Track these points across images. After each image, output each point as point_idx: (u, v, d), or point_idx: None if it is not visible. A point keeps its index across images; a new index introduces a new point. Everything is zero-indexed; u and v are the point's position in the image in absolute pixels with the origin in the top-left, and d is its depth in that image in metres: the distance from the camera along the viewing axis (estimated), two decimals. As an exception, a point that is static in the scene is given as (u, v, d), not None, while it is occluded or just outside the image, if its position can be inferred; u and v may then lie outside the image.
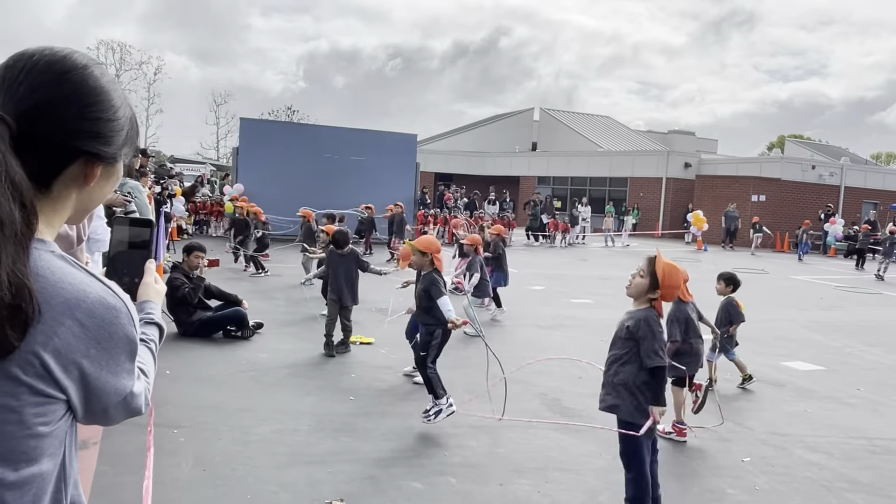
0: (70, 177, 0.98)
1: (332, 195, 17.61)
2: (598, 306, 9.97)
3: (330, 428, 4.37)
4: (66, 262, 0.95)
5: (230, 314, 6.74)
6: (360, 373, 5.72)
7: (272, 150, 17.77)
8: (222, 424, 4.31)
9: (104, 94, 0.98)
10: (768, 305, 10.55)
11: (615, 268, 15.33)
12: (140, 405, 1.02)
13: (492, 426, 4.58)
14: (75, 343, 0.91)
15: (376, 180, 18.33)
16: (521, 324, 8.35)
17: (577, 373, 6.09)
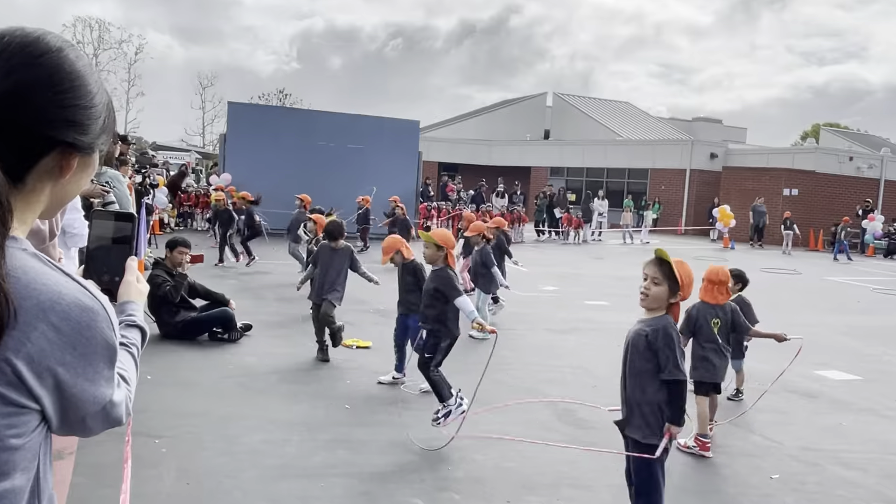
0: (44, 169, 0.98)
1: (327, 186, 17.60)
2: (614, 308, 9.96)
3: (323, 438, 4.38)
4: (40, 260, 0.95)
5: (216, 315, 6.75)
6: (357, 379, 5.73)
7: (262, 137, 17.78)
8: (207, 434, 4.32)
9: (80, 79, 0.97)
10: (800, 309, 10.52)
11: (634, 267, 15.26)
12: (120, 415, 1.02)
13: (499, 439, 4.58)
14: (49, 349, 0.91)
15: (375, 170, 18.32)
16: (532, 327, 8.35)
17: (591, 381, 6.09)
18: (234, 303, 7.11)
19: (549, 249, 18.72)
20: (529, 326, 8.36)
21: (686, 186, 27.42)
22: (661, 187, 27.96)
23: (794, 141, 52.99)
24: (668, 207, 27.47)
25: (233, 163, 17.57)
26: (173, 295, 6.53)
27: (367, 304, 8.60)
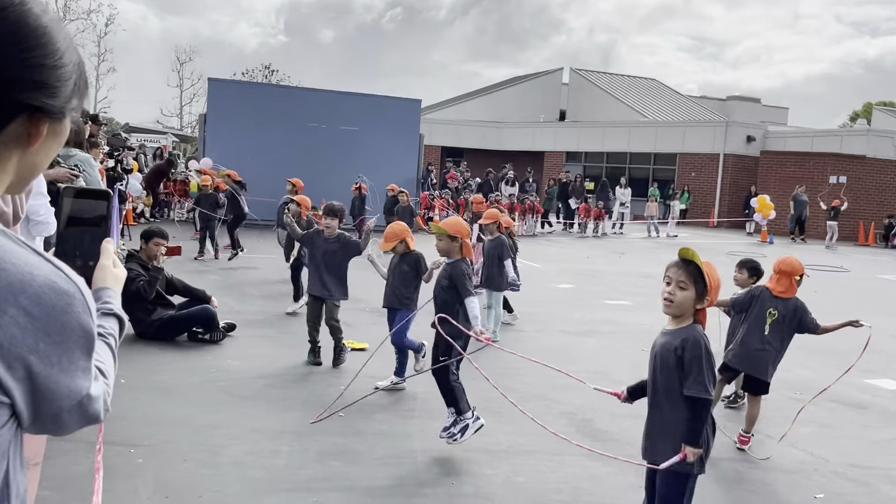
0: (11, 136, 0.97)
1: (317, 173, 17.61)
2: (638, 309, 9.96)
3: (315, 449, 4.40)
4: (8, 237, 0.95)
5: (196, 313, 6.79)
6: (352, 384, 5.76)
7: (246, 118, 17.81)
8: (187, 443, 4.35)
9: (47, 35, 0.96)
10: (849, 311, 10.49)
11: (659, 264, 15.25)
12: (98, 410, 1.02)
13: (510, 451, 4.60)
14: (21, 336, 0.91)
15: (372, 155, 18.33)
16: (544, 328, 8.36)
17: (611, 387, 6.07)
18: (215, 300, 7.14)
19: (565, 243, 18.71)
20: (541, 327, 8.37)
21: (719, 173, 27.34)
22: (691, 174, 27.88)
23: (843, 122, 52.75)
24: (699, 197, 27.40)
25: (213, 146, 17.60)
26: (147, 291, 6.56)
27: (363, 302, 8.62)
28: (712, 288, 2.90)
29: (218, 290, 8.48)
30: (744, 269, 5.62)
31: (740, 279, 5.60)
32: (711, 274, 2.92)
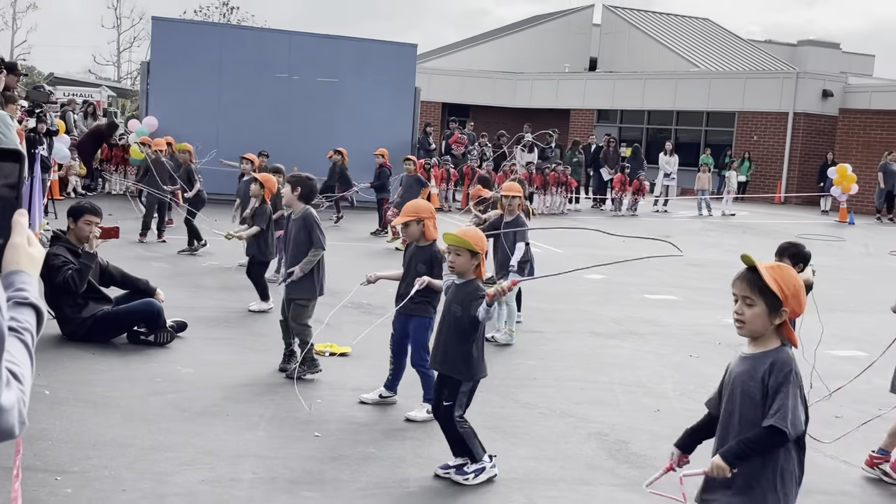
0: None
1: (288, 135, 17.58)
2: (686, 305, 9.97)
3: (285, 478, 4.41)
4: None
5: (138, 309, 6.80)
6: (330, 397, 5.77)
7: (199, 67, 17.75)
8: (127, 470, 4.36)
9: None
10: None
11: (713, 249, 15.30)
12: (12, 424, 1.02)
13: (526, 479, 4.61)
14: None
15: (355, 113, 18.29)
16: (569, 329, 8.39)
17: (652, 404, 6.11)
18: (161, 293, 7.15)
19: (594, 223, 18.67)
20: (565, 328, 8.39)
21: (788, 137, 27.25)
22: (753, 138, 27.81)
23: (941, 74, 52.44)
24: (763, 166, 27.35)
25: (160, 102, 17.57)
26: (77, 282, 6.57)
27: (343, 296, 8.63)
28: (788, 296, 2.86)
29: (165, 281, 8.49)
30: (784, 258, 5.53)
31: None
32: (782, 278, 2.87)
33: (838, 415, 6.03)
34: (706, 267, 12.37)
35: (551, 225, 12.93)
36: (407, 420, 5.37)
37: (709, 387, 6.53)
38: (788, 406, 2.81)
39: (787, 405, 2.81)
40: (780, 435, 2.82)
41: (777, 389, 2.84)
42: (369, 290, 8.54)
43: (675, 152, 23.71)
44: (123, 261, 8.15)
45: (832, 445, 5.24)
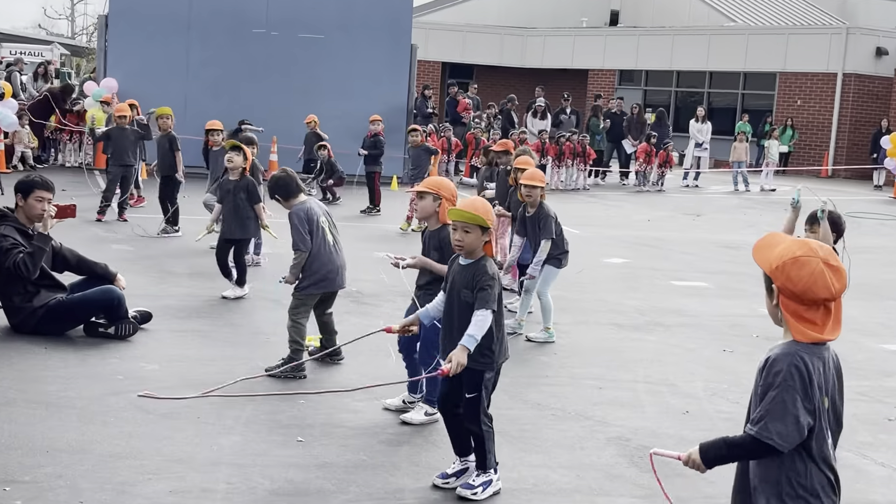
0: None
1: (267, 100, 17.53)
2: (718, 293, 9.96)
3: (264, 488, 4.43)
4: None
5: (96, 297, 6.79)
6: (315, 397, 5.78)
7: (165, 21, 17.69)
8: (85, 480, 4.36)
9: None
10: None
11: (750, 229, 15.27)
12: None
13: (537, 490, 4.62)
14: None
15: (343, 75, 18.22)
16: (587, 321, 8.39)
17: (680, 404, 6.13)
18: (122, 279, 7.14)
19: (616, 200, 18.68)
20: (581, 319, 8.39)
21: (836, 101, 27.16)
22: (797, 102, 27.74)
23: None
24: (807, 135, 27.28)
25: (119, 62, 17.52)
26: (29, 267, 6.56)
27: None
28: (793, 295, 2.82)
29: (126, 265, 8.48)
30: (814, 225, 5.69)
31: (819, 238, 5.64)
32: (789, 270, 2.84)
33: (892, 417, 6.04)
34: (742, 249, 12.34)
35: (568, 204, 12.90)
36: (403, 423, 5.38)
37: (744, 385, 6.55)
38: (769, 413, 2.78)
39: (773, 411, 2.78)
40: (761, 446, 2.81)
41: (766, 391, 2.82)
42: (360, 270, 8.58)
43: (707, 119, 23.64)
44: (79, 243, 8.15)
45: (885, 452, 5.26)
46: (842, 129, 27.08)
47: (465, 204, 4.52)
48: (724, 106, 29.00)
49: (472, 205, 4.48)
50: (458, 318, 4.42)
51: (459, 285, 4.42)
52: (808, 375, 2.79)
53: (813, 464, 2.85)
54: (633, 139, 22.12)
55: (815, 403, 2.80)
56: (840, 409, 2.94)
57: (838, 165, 26.29)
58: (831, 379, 2.89)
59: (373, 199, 14.38)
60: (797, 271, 2.84)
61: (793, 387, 2.78)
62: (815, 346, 2.84)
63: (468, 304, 4.35)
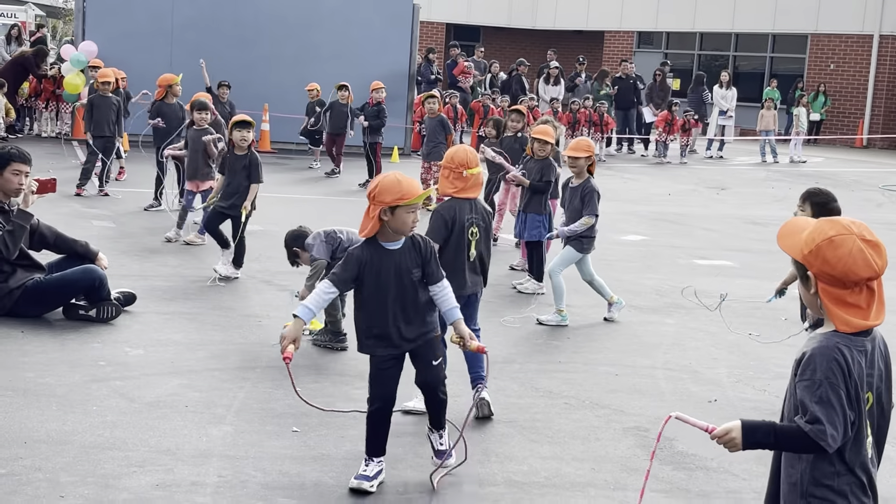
0: None
1: (257, 65, 17.46)
2: (743, 272, 9.94)
3: (256, 481, 4.44)
4: None
5: (76, 277, 6.80)
6: (311, 385, 5.79)
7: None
8: (66, 472, 4.38)
9: None
10: None
11: (778, 203, 15.23)
12: None
13: (549, 483, 4.64)
14: None
15: (340, 38, 18.14)
16: (603, 302, 8.36)
17: (704, 392, 6.14)
18: (104, 258, 7.15)
19: (635, 172, 18.61)
20: (596, 301, 8.35)
21: (872, 65, 26.98)
22: (830, 66, 27.57)
23: None
24: (841, 102, 27.14)
25: (99, 24, 17.44)
26: (9, 247, 6.58)
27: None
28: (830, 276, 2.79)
29: (108, 243, 8.49)
30: (806, 204, 5.71)
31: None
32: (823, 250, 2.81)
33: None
34: (769, 225, 12.29)
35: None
36: (405, 413, 5.39)
37: (771, 372, 6.58)
38: (827, 412, 2.75)
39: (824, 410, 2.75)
40: (812, 444, 2.79)
41: (806, 388, 2.79)
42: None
43: (732, 85, 23.51)
44: (57, 219, 8.15)
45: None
46: (878, 96, 26.91)
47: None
48: (750, 70, 28.80)
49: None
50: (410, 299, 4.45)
51: (407, 267, 4.40)
52: (847, 370, 2.77)
53: (843, 465, 2.84)
54: (654, 108, 21.98)
55: (853, 401, 2.78)
56: (888, 404, 2.90)
57: (874, 135, 26.17)
58: (877, 370, 2.85)
59: (372, 171, 14.34)
60: (833, 252, 2.80)
61: (835, 384, 2.75)
62: (857, 336, 2.80)
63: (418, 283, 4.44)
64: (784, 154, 22.19)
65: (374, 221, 4.31)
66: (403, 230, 4.35)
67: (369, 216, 4.33)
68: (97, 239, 7.97)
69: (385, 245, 4.38)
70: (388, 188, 4.28)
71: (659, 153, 21.11)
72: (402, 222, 4.31)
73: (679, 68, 28.32)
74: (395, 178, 4.35)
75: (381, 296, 4.38)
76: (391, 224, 4.31)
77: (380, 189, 4.30)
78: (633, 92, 22.44)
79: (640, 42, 31.63)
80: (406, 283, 4.39)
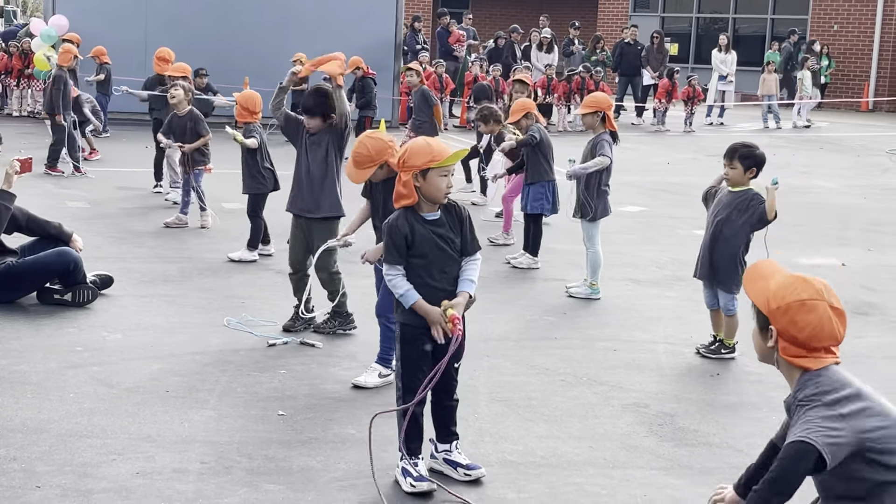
0: None
1: (236, 38, 17.36)
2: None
3: (242, 467, 4.44)
4: None
5: (49, 260, 6.79)
6: (297, 367, 5.79)
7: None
8: (42, 462, 4.38)
9: None
10: None
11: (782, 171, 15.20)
12: None
13: (545, 463, 4.64)
14: None
15: (322, 7, 18.05)
16: (603, 276, 8.32)
17: (705, 366, 6.15)
18: (79, 239, 7.12)
19: (632, 141, 18.51)
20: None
21: (877, 26, 26.94)
22: (833, 27, 27.52)
23: None
24: (846, 64, 27.11)
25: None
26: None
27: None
28: (772, 309, 3.02)
29: (83, 224, 8.46)
30: (734, 161, 6.06)
31: (734, 176, 6.08)
32: (787, 312, 3.00)
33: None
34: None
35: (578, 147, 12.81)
36: (354, 387, 5.40)
37: (775, 343, 6.58)
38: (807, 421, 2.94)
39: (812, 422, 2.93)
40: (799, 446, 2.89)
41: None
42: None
43: (731, 48, 23.45)
44: (30, 200, 8.10)
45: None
46: (884, 57, 26.87)
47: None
48: (750, 33, 28.72)
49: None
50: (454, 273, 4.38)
51: (450, 237, 4.34)
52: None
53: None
54: (652, 71, 21.99)
55: None
56: None
57: (880, 97, 26.15)
58: None
59: None
60: (804, 316, 2.94)
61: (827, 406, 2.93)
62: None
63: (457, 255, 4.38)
64: (787, 119, 22.17)
65: (409, 189, 4.23)
66: (437, 196, 4.24)
67: (402, 184, 4.25)
68: (71, 220, 7.94)
69: (425, 215, 4.29)
70: (417, 151, 4.21)
71: (658, 121, 21.07)
72: (435, 187, 4.21)
73: (677, 32, 28.27)
74: (425, 141, 4.30)
75: (427, 269, 4.29)
76: (424, 190, 4.22)
77: (409, 153, 4.22)
78: (637, 58, 22.42)
79: (635, 6, 31.49)
80: (448, 253, 4.32)
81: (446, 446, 4.47)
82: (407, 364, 4.32)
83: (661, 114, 21.02)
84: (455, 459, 4.45)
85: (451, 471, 4.42)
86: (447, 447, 4.48)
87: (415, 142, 4.35)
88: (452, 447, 4.48)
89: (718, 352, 6.25)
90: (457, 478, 4.39)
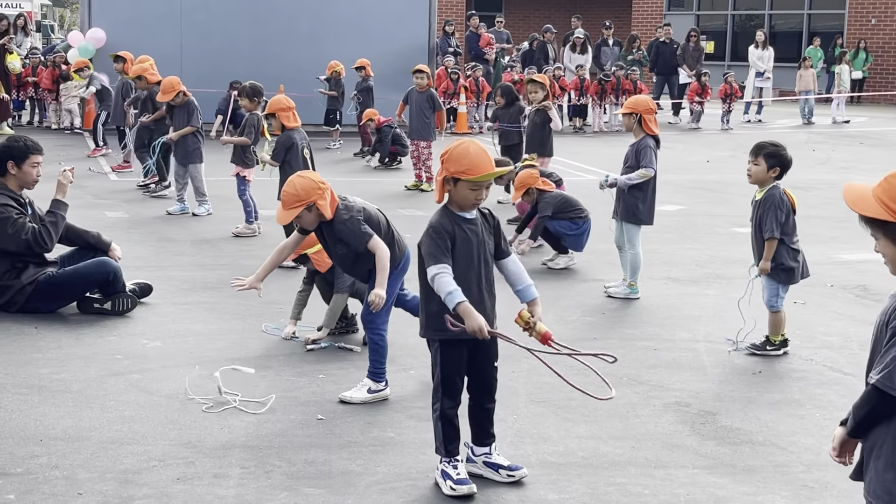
0: None
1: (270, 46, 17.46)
2: (787, 239, 9.85)
3: (282, 471, 4.45)
4: None
5: (89, 270, 6.83)
6: (335, 371, 5.79)
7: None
8: (84, 469, 4.40)
9: None
10: None
11: (821, 167, 15.06)
12: None
13: (586, 464, 4.61)
14: None
15: (355, 14, 18.12)
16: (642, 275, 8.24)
17: (747, 364, 6.08)
18: (118, 248, 7.17)
19: (670, 140, 18.38)
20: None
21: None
22: (871, 21, 27.22)
23: None
24: (884, 58, 26.80)
25: (106, 10, 17.50)
26: (47, 240, 6.66)
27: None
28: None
29: (122, 234, 8.53)
30: (761, 157, 6.07)
31: (756, 172, 6.09)
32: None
33: None
34: (812, 190, 12.18)
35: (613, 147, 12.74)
36: (341, 402, 5.29)
37: (818, 341, 6.51)
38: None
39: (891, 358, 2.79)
40: (886, 399, 2.79)
41: (892, 337, 2.81)
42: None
43: (769, 44, 23.26)
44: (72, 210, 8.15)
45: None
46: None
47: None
48: (787, 29, 28.52)
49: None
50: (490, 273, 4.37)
51: (484, 238, 4.31)
52: None
53: None
54: (689, 69, 21.88)
55: None
56: None
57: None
58: None
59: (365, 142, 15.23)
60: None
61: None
62: None
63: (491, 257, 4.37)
64: (826, 115, 21.94)
65: (439, 187, 4.22)
66: (464, 205, 4.20)
67: (439, 181, 4.23)
68: (109, 229, 8.01)
69: (463, 214, 4.24)
70: (455, 157, 4.15)
71: (694, 119, 20.94)
72: (462, 196, 4.16)
73: (712, 30, 28.08)
74: (466, 149, 4.16)
75: (468, 269, 4.23)
76: (453, 195, 4.19)
77: (449, 155, 4.18)
78: (674, 57, 22.31)
79: (670, 5, 31.35)
80: (484, 254, 4.29)
81: (485, 449, 4.44)
82: (447, 375, 4.31)
83: (698, 114, 20.88)
84: (496, 461, 4.42)
85: (493, 473, 4.39)
86: (486, 450, 4.44)
87: (462, 145, 4.22)
88: (492, 449, 4.45)
89: (763, 348, 6.16)
90: (499, 480, 4.37)
